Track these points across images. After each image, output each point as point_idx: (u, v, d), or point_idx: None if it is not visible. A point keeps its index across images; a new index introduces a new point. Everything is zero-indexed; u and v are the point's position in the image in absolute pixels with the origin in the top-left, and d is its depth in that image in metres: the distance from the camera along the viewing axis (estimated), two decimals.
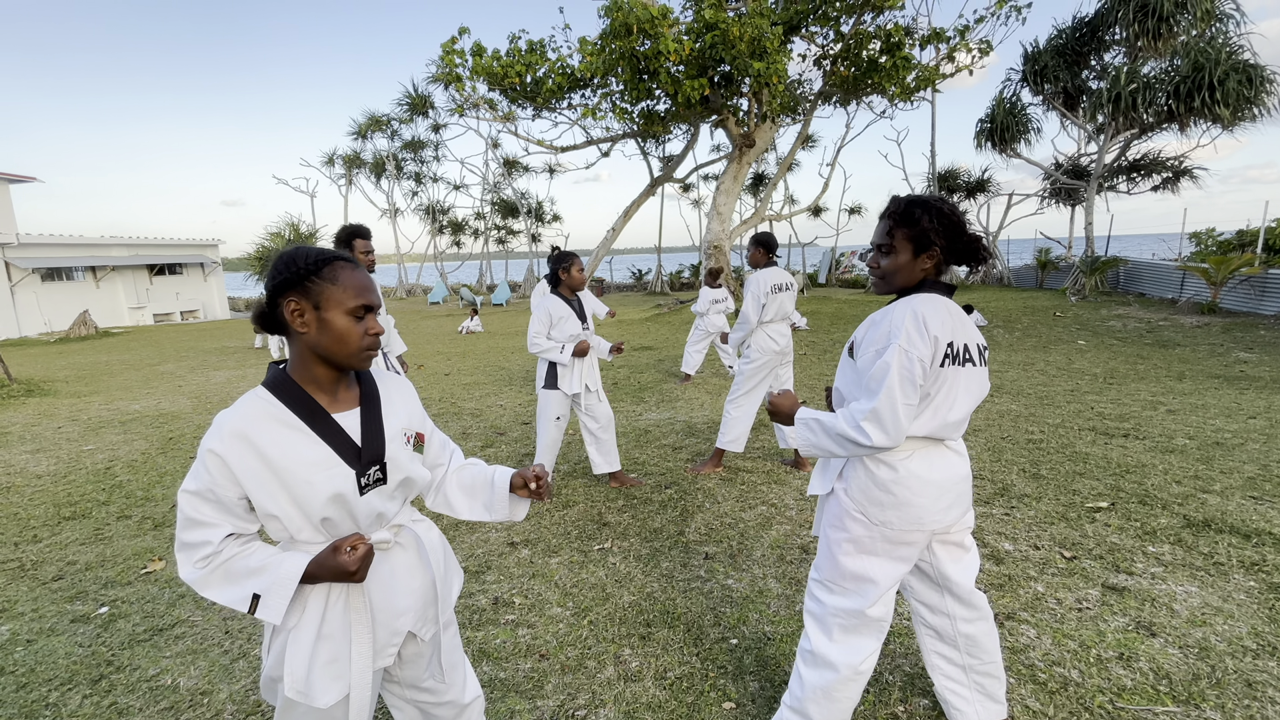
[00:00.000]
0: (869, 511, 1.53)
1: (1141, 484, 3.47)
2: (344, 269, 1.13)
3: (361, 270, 1.17)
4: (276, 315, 1.13)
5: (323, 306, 1.10)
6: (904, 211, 1.49)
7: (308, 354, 1.13)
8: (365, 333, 1.13)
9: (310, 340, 1.11)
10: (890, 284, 1.55)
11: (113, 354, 12.26)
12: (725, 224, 14.65)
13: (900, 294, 1.55)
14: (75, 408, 6.88)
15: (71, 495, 4.01)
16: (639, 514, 3.40)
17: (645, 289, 23.36)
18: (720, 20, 10.60)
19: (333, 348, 1.11)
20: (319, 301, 1.10)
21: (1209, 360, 7.12)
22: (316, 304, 1.10)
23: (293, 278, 1.10)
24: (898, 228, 1.50)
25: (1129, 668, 2.00)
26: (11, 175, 17.95)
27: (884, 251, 1.53)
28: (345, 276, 1.12)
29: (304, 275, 1.10)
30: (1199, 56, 11.61)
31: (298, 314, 1.10)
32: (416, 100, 23.22)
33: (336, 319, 1.10)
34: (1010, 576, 2.57)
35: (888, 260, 1.53)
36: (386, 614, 1.22)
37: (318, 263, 1.11)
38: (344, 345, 1.12)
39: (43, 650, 2.35)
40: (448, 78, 13.42)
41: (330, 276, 1.11)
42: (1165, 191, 15.87)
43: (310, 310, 1.10)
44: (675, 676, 2.07)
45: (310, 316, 1.10)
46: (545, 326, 3.48)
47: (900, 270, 1.51)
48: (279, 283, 1.10)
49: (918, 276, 1.52)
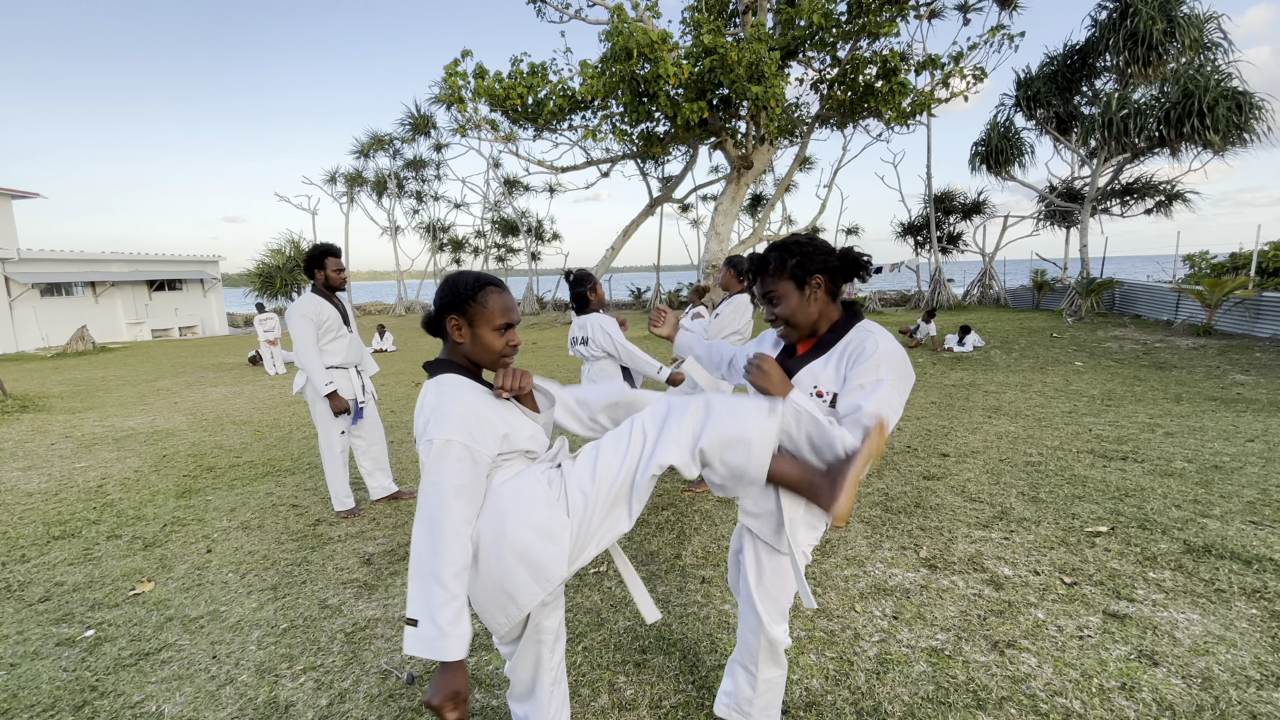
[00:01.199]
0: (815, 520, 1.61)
1: (1141, 508, 3.45)
2: (494, 293, 1.41)
3: (507, 293, 1.44)
4: (441, 326, 1.43)
5: (475, 324, 1.40)
6: (759, 263, 1.55)
7: (460, 356, 1.44)
8: (506, 344, 1.43)
9: (465, 350, 1.42)
10: (799, 327, 1.55)
11: (109, 370, 12.23)
12: (724, 244, 14.76)
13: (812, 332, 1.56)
14: (69, 424, 6.84)
15: (62, 514, 3.97)
16: (635, 536, 3.36)
17: (644, 307, 23.44)
18: (719, 45, 10.80)
19: (480, 355, 1.42)
20: (473, 320, 1.40)
21: (1205, 382, 7.13)
22: (471, 321, 1.40)
23: (455, 300, 1.40)
24: (766, 277, 1.54)
25: (1132, 698, 1.97)
26: (14, 191, 18.08)
27: (774, 303, 1.55)
28: (494, 300, 1.40)
29: (464, 299, 1.39)
30: (1189, 83, 11.83)
31: (456, 328, 1.41)
32: (419, 120, 23.53)
33: (485, 334, 1.40)
34: (1010, 603, 2.54)
35: (781, 307, 1.54)
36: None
37: (474, 288, 1.39)
38: (488, 354, 1.42)
39: (26, 675, 2.30)
40: (450, 98, 13.61)
41: (483, 300, 1.39)
42: (1158, 214, 16.05)
43: (466, 326, 1.40)
44: (670, 705, 2.03)
45: (466, 331, 1.41)
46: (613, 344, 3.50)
47: (798, 309, 1.53)
48: (446, 303, 1.41)
49: (817, 308, 1.53)
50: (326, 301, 3.54)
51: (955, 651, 2.24)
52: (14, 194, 18.11)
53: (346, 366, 3.65)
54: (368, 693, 2.14)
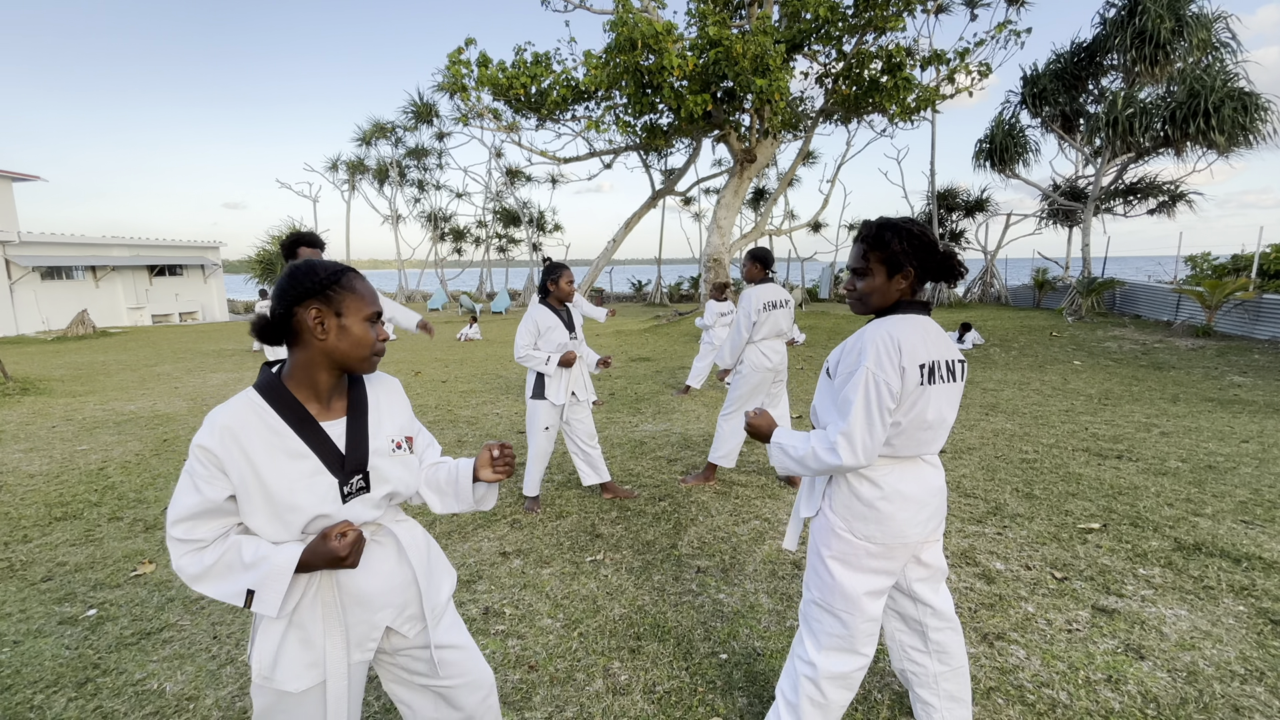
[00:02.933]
0: (854, 528, 1.55)
1: (1134, 506, 3.48)
2: (359, 279, 1.23)
3: (368, 281, 1.26)
4: (290, 324, 1.18)
5: (344, 314, 1.18)
6: (876, 235, 1.54)
7: (316, 361, 1.19)
8: (377, 338, 1.24)
9: (328, 346, 1.18)
10: (867, 305, 1.59)
11: (110, 354, 12.24)
12: (725, 237, 14.73)
13: (878, 314, 1.58)
14: (70, 407, 6.86)
15: (63, 495, 4.00)
16: (632, 526, 3.39)
17: (645, 300, 23.43)
18: (724, 37, 10.74)
19: (350, 352, 1.19)
20: (340, 309, 1.18)
21: (1203, 383, 7.15)
22: (339, 311, 1.18)
23: (316, 286, 1.17)
24: (871, 251, 1.55)
25: (1117, 690, 2.00)
26: (14, 173, 18.02)
27: (859, 274, 1.58)
28: (362, 286, 1.22)
29: (327, 284, 1.17)
30: (1195, 83, 11.77)
31: (319, 321, 1.16)
32: (422, 108, 23.40)
33: (355, 325, 1.19)
34: (1001, 596, 2.57)
35: (863, 283, 1.57)
36: (361, 608, 1.25)
37: (337, 273, 1.20)
38: (360, 349, 1.20)
39: (29, 652, 2.33)
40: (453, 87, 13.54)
41: (349, 285, 1.20)
42: (1161, 215, 16.02)
43: (332, 317, 1.18)
44: (664, 691, 2.06)
45: (331, 323, 1.17)
46: (533, 337, 3.50)
47: (875, 292, 1.56)
48: (302, 291, 1.16)
49: (893, 297, 1.56)
50: None
51: None
52: (14, 176, 18.05)
53: None
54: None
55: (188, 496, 1.12)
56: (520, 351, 3.50)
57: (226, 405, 1.16)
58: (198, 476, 1.12)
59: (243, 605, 1.14)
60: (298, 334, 1.17)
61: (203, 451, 1.11)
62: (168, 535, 1.14)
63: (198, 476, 1.12)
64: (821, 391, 1.63)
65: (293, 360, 1.20)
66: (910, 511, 1.54)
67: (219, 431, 1.12)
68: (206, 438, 1.12)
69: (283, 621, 1.19)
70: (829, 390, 1.58)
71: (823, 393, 1.62)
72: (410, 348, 12.28)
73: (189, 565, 1.13)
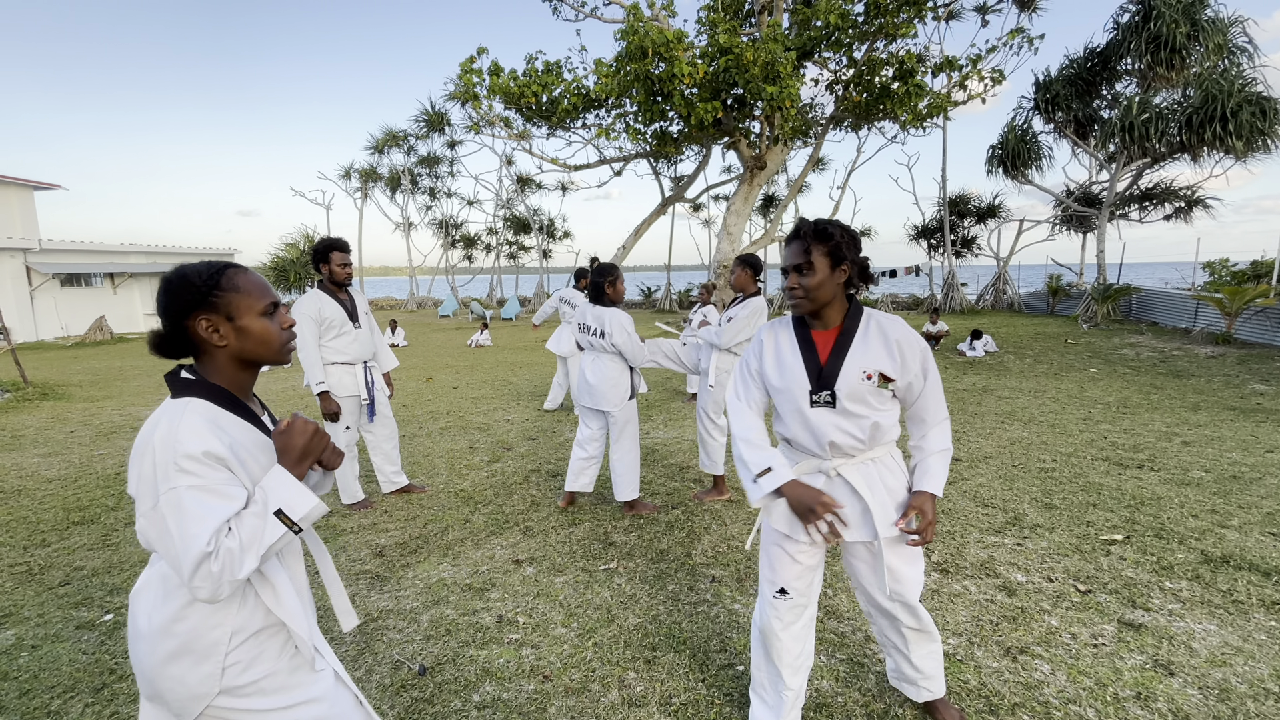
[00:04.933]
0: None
1: (1157, 517, 3.41)
2: (240, 274, 1.15)
3: (253, 272, 1.19)
4: (185, 337, 1.12)
5: (235, 316, 1.12)
6: (818, 228, 1.59)
7: (228, 364, 1.15)
8: (281, 327, 1.18)
9: (232, 350, 1.14)
10: (815, 301, 1.60)
11: (127, 360, 12.40)
12: (735, 244, 14.72)
13: (816, 312, 1.63)
14: (88, 412, 6.95)
15: (81, 500, 4.04)
16: (645, 534, 3.37)
17: (654, 306, 23.44)
18: (734, 45, 10.78)
19: (258, 350, 1.15)
20: (230, 312, 1.12)
21: (1224, 391, 7.02)
22: (229, 315, 1.12)
23: (196, 297, 1.10)
24: (816, 244, 1.57)
25: (1147, 708, 1.95)
26: (36, 182, 18.39)
27: (802, 271, 1.59)
28: (244, 281, 1.15)
29: (206, 291, 1.11)
30: (1211, 88, 11.65)
31: (212, 329, 1.11)
32: (434, 117, 23.66)
33: (252, 323, 1.13)
34: (1023, 609, 2.52)
35: (809, 278, 1.58)
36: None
37: (214, 274, 1.12)
38: (268, 345, 1.16)
39: (47, 656, 2.34)
40: (465, 95, 13.67)
41: (231, 285, 1.13)
42: (1178, 221, 15.82)
43: (224, 323, 1.12)
44: (680, 703, 2.03)
45: (226, 329, 1.12)
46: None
47: (823, 285, 1.58)
48: (183, 304, 1.10)
49: (834, 291, 1.60)
50: (331, 298, 3.53)
51: (967, 656, 2.22)
52: (36, 185, 18.43)
53: (353, 363, 3.63)
54: (380, 682, 2.16)
55: (217, 506, 1.03)
56: (643, 353, 3.49)
57: (186, 415, 1.06)
58: (214, 482, 1.04)
59: (292, 530, 1.08)
60: (199, 346, 1.12)
61: (208, 457, 1.04)
62: (200, 562, 1.01)
63: (214, 482, 1.04)
64: (874, 397, 1.61)
65: (205, 368, 1.15)
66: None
67: (208, 435, 1.06)
68: (202, 443, 1.04)
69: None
70: (879, 395, 1.62)
71: (880, 397, 1.63)
72: (421, 354, 12.35)
73: (228, 559, 1.02)
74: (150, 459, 1.03)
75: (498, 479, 4.35)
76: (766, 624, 1.76)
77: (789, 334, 1.70)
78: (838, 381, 1.59)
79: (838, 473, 1.66)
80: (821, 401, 1.61)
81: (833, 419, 1.61)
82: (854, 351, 1.60)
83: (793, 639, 1.75)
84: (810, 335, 1.66)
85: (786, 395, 1.66)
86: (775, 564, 1.74)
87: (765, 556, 1.78)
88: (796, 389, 1.63)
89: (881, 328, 1.62)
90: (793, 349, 1.67)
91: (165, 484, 1.01)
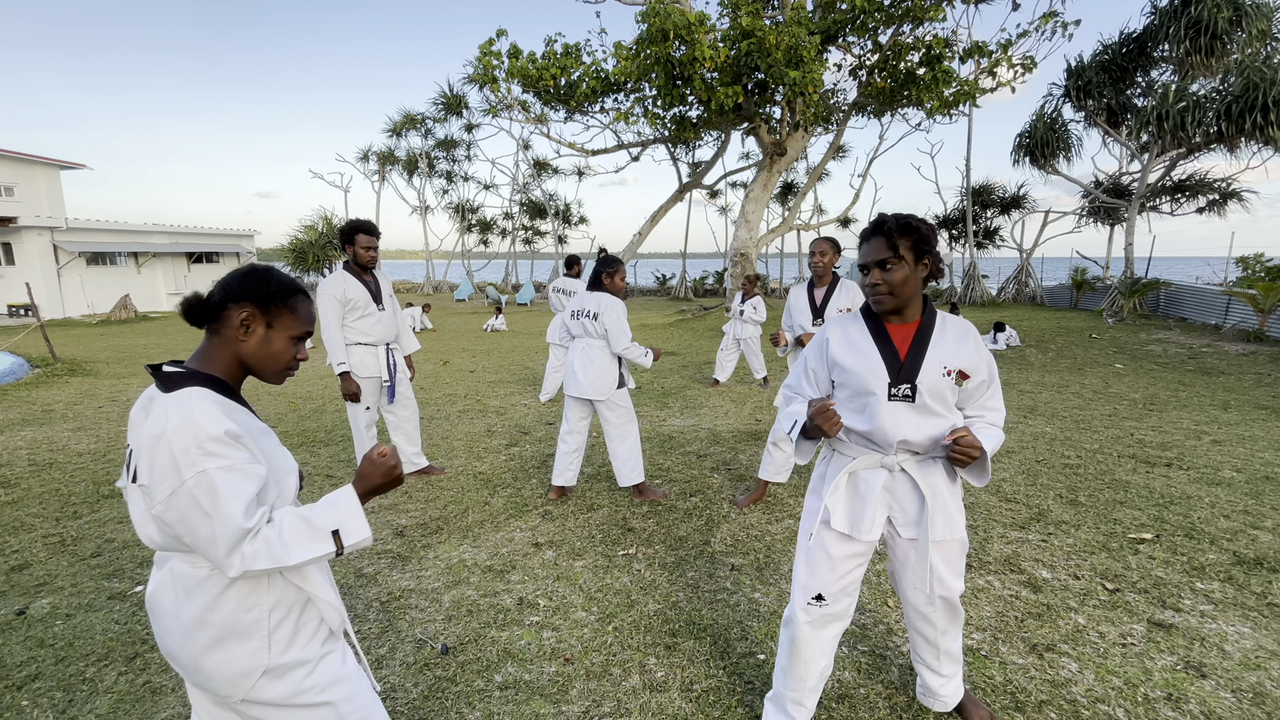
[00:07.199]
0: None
1: (1187, 516, 3.34)
2: (304, 303, 1.24)
3: (313, 306, 1.27)
4: (219, 314, 1.16)
5: (274, 326, 1.20)
6: (903, 222, 1.52)
7: (232, 359, 1.18)
8: (294, 356, 1.24)
9: (246, 350, 1.18)
10: (899, 297, 1.54)
11: (151, 338, 12.62)
12: (753, 232, 14.57)
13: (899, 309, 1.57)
14: (115, 388, 7.09)
15: (110, 474, 4.12)
16: (663, 521, 3.37)
17: (669, 294, 23.34)
18: (757, 28, 10.58)
19: (265, 361, 1.20)
20: (274, 322, 1.19)
21: (1255, 390, 6.84)
22: (271, 323, 1.19)
23: (263, 293, 1.17)
24: (901, 238, 1.51)
25: (1179, 710, 1.91)
26: (62, 162, 18.65)
27: (886, 267, 1.53)
28: (304, 309, 1.23)
29: (272, 298, 1.18)
30: (1253, 76, 11.21)
31: (246, 324, 1.16)
32: (452, 100, 23.58)
33: (278, 340, 1.20)
34: (1049, 606, 2.48)
35: (894, 272, 1.52)
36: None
37: (288, 291, 1.21)
38: (274, 362, 1.21)
39: (81, 625, 2.40)
40: (483, 78, 13.58)
41: (292, 305, 1.21)
42: (1210, 214, 15.36)
43: (261, 326, 1.18)
44: (702, 690, 2.03)
45: (258, 330, 1.18)
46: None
47: (909, 280, 1.53)
48: (247, 291, 1.16)
49: (916, 286, 1.55)
50: (355, 279, 3.55)
51: (992, 652, 2.20)
52: (63, 165, 18.70)
53: (376, 345, 3.65)
54: (403, 660, 2.19)
55: (245, 485, 1.06)
56: (631, 344, 3.49)
57: (195, 402, 1.08)
58: (239, 462, 1.06)
59: (335, 552, 1.11)
60: (221, 326, 1.16)
61: (230, 437, 1.06)
62: (239, 542, 1.04)
63: (239, 462, 1.06)
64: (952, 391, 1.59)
65: (210, 352, 1.17)
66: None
67: (223, 416, 1.08)
68: (221, 424, 1.06)
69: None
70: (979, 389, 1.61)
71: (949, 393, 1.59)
72: (439, 338, 12.42)
73: (265, 545, 1.05)
74: (167, 448, 1.04)
75: (516, 462, 4.37)
76: (797, 631, 1.70)
77: (861, 328, 1.64)
78: (919, 375, 1.54)
79: (901, 468, 1.60)
80: (900, 395, 1.54)
81: (909, 414, 1.55)
82: (934, 347, 1.55)
83: (820, 651, 1.70)
84: (885, 329, 1.60)
85: (861, 387, 1.58)
86: (815, 568, 1.67)
87: (805, 560, 1.71)
88: (874, 381, 1.56)
89: (957, 324, 1.60)
90: (868, 342, 1.60)
91: (191, 468, 1.03)
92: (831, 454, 1.73)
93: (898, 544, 1.70)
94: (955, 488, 1.64)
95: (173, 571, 1.14)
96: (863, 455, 1.64)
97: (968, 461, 1.50)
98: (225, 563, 1.05)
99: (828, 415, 1.51)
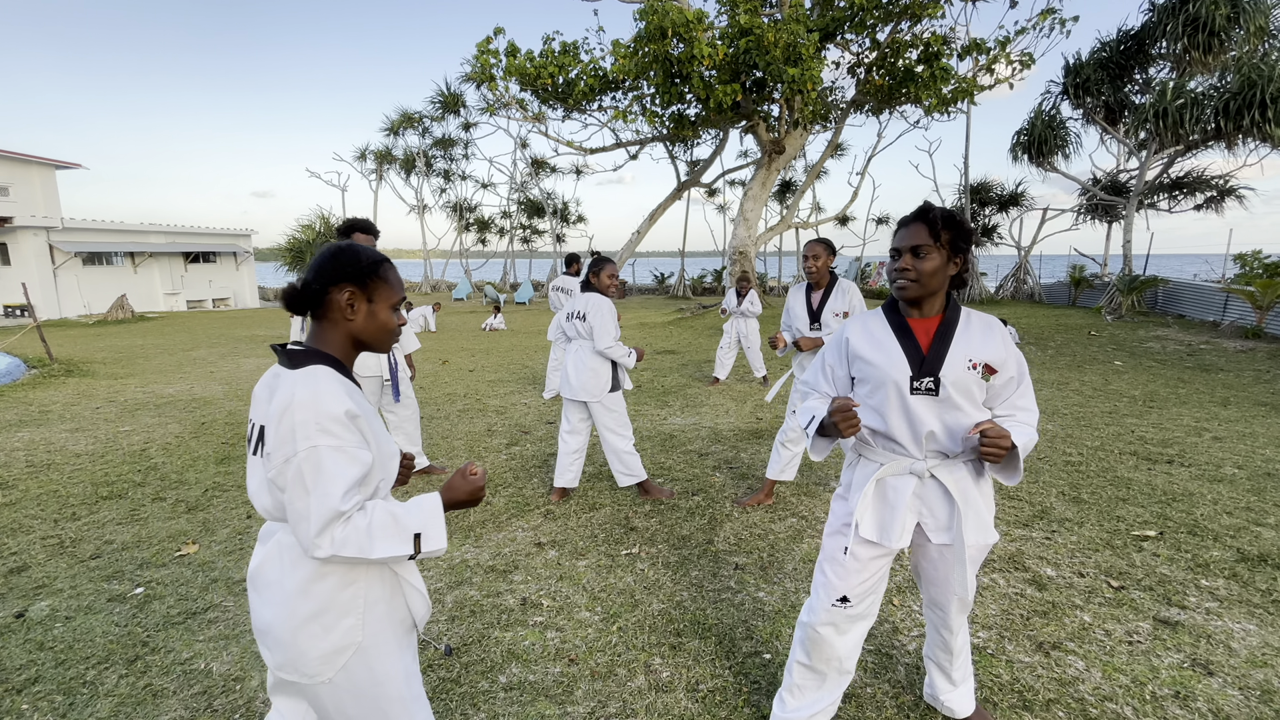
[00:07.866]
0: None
1: (1190, 513, 3.33)
2: (393, 270, 1.29)
3: (399, 271, 1.32)
4: (322, 300, 1.22)
5: (375, 300, 1.25)
6: (947, 214, 1.49)
7: (345, 339, 1.25)
8: (399, 323, 1.32)
9: (355, 327, 1.24)
10: (925, 287, 1.52)
11: (148, 338, 12.57)
12: (752, 230, 14.56)
13: (922, 300, 1.55)
14: (112, 389, 7.05)
15: (109, 475, 4.10)
16: (666, 520, 3.36)
17: (668, 292, 23.32)
18: (755, 26, 10.56)
19: (375, 335, 1.27)
20: (373, 295, 1.25)
21: (1255, 386, 6.85)
22: (371, 297, 1.25)
23: (356, 272, 1.22)
24: (943, 229, 1.49)
25: (1186, 707, 1.90)
26: (58, 161, 18.56)
27: (920, 254, 1.50)
28: (394, 276, 1.29)
29: (367, 272, 1.23)
30: (1251, 73, 11.23)
31: (351, 304, 1.22)
32: (449, 98, 23.51)
33: (382, 311, 1.26)
34: (1054, 604, 2.48)
35: (926, 261, 1.49)
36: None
37: (377, 263, 1.26)
38: (383, 334, 1.28)
39: (81, 628, 2.38)
40: (481, 77, 13.55)
41: (385, 275, 1.27)
42: (1208, 210, 15.39)
43: (364, 302, 1.24)
44: (708, 690, 2.02)
45: (362, 307, 1.24)
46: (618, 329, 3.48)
47: (938, 272, 1.51)
48: (342, 273, 1.21)
49: (944, 281, 1.53)
50: None
51: (998, 650, 2.19)
52: (58, 164, 18.61)
53: None
54: None
55: (350, 469, 1.10)
56: (616, 346, 3.45)
57: (321, 379, 1.14)
58: (349, 445, 1.11)
59: (410, 554, 1.15)
60: (327, 311, 1.22)
61: (349, 418, 1.12)
62: (330, 523, 1.07)
63: (349, 445, 1.11)
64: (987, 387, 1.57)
65: (322, 335, 1.23)
66: None
67: (346, 397, 1.14)
68: (343, 404, 1.12)
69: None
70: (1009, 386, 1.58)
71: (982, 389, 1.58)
72: (437, 337, 12.39)
73: (355, 533, 1.09)
74: (290, 419, 1.09)
75: (517, 462, 4.35)
76: (817, 631, 1.67)
77: (881, 322, 1.61)
78: (943, 368, 1.50)
79: (932, 474, 1.56)
80: (924, 389, 1.51)
81: (934, 409, 1.52)
82: (958, 340, 1.53)
83: (846, 651, 1.68)
84: (906, 323, 1.57)
85: (884, 380, 1.55)
86: (841, 570, 1.65)
87: (829, 564, 1.68)
88: (897, 374, 1.53)
89: (983, 320, 1.57)
90: (889, 336, 1.58)
91: (306, 441, 1.08)
92: (858, 459, 1.68)
93: (928, 548, 1.66)
94: (986, 489, 1.61)
95: (279, 544, 1.19)
96: (890, 461, 1.59)
97: (997, 456, 1.44)
98: (314, 542, 1.08)
99: (847, 415, 1.47)
